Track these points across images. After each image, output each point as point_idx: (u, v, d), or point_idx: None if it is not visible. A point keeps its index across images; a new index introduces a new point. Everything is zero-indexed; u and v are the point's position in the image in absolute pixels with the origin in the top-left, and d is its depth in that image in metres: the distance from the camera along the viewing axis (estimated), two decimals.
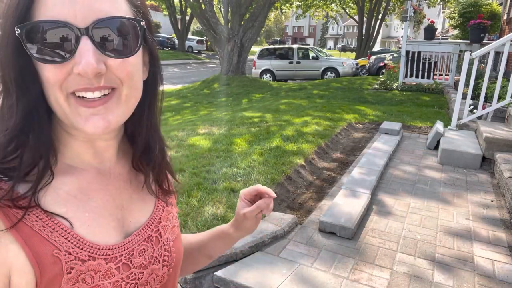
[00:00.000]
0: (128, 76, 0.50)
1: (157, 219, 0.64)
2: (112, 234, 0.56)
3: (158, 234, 0.63)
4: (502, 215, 2.85)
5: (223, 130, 5.17)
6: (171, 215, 0.67)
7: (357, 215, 2.64)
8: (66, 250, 0.50)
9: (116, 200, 0.59)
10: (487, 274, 2.13)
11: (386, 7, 23.56)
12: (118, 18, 0.48)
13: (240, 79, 12.63)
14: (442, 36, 18.75)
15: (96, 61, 0.46)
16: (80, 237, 0.51)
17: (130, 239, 0.58)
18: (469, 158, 3.87)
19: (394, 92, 8.79)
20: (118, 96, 0.51)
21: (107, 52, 0.47)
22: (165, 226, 0.64)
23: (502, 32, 10.28)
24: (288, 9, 26.33)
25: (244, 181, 3.27)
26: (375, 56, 16.14)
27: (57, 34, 0.45)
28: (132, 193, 0.62)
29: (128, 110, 0.53)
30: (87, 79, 0.46)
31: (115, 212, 0.58)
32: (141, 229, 0.60)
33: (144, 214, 0.63)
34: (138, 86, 0.54)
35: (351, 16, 30.02)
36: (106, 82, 0.48)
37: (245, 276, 2.05)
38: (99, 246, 0.53)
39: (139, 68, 0.54)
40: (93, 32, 0.46)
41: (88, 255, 0.51)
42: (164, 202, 0.67)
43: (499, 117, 5.31)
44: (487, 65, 4.71)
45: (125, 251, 0.56)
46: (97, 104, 0.48)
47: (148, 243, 0.60)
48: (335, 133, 5.07)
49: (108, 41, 0.47)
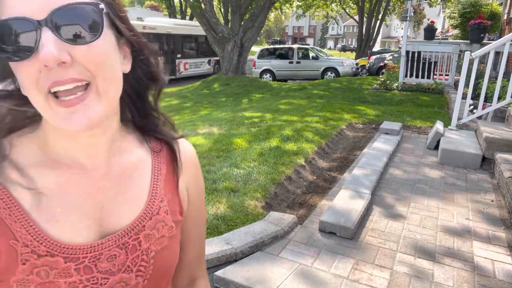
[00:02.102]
0: (97, 66, 0.49)
1: (140, 226, 0.59)
2: (82, 233, 0.54)
3: (137, 242, 0.58)
4: (502, 215, 2.85)
5: (223, 130, 5.17)
6: (160, 224, 0.62)
7: (357, 215, 2.64)
8: (23, 242, 0.50)
9: (97, 199, 0.57)
10: (487, 273, 2.13)
11: (386, 7, 23.56)
12: (74, 4, 0.47)
13: (240, 79, 12.63)
14: (442, 36, 18.76)
15: (57, 49, 0.45)
16: (42, 232, 0.51)
17: (100, 242, 0.55)
18: (469, 158, 3.87)
19: (394, 92, 8.79)
20: (95, 91, 0.49)
21: (68, 40, 0.47)
22: (148, 235, 0.60)
23: (502, 32, 10.28)
24: (288, 9, 26.38)
25: (244, 181, 3.27)
26: (375, 56, 16.14)
27: (18, 31, 0.45)
28: (117, 193, 0.59)
29: (108, 103, 0.52)
30: (55, 71, 0.46)
31: (92, 211, 0.56)
32: (117, 234, 0.57)
33: (127, 218, 0.59)
34: (114, 76, 0.53)
35: (351, 16, 30.03)
36: (76, 75, 0.47)
37: (245, 276, 2.05)
38: (60, 243, 0.52)
39: (111, 57, 0.52)
40: (52, 21, 0.46)
41: (47, 251, 0.51)
42: (162, 200, 0.64)
43: (499, 117, 5.31)
44: (487, 65, 4.71)
45: (91, 253, 0.54)
46: (75, 102, 0.48)
47: (122, 249, 0.57)
48: (335, 133, 5.07)
49: (68, 29, 0.47)
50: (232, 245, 2.25)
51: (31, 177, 0.52)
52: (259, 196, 3.02)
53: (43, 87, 0.47)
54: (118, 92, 0.54)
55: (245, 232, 2.42)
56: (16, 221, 0.50)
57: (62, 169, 0.55)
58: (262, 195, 3.05)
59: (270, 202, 3.03)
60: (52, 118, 0.49)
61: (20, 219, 0.50)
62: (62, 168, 0.55)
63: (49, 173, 0.54)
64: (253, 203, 2.90)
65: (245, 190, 3.09)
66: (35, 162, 0.54)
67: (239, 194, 3.02)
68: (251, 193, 3.03)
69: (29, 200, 0.52)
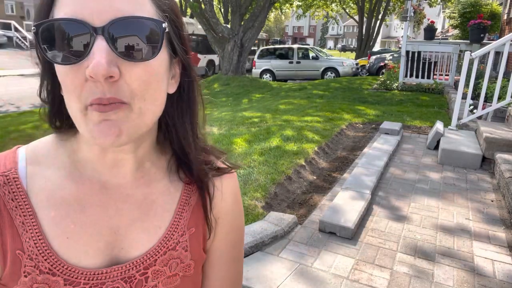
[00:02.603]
0: (141, 87, 0.46)
1: (151, 260, 0.54)
2: (90, 255, 0.51)
3: (144, 278, 0.53)
4: (502, 215, 2.85)
5: (223, 130, 5.18)
6: (174, 261, 0.56)
7: (357, 215, 2.64)
8: (29, 255, 0.48)
9: (113, 221, 0.53)
10: (487, 274, 2.13)
11: (386, 7, 23.55)
12: (137, 17, 0.44)
13: (240, 79, 12.63)
14: (442, 36, 18.77)
15: (107, 62, 0.42)
16: (49, 248, 0.49)
17: (105, 271, 0.51)
18: (469, 158, 3.87)
19: (394, 92, 8.79)
20: (130, 109, 0.46)
21: (122, 54, 0.44)
22: (157, 272, 0.54)
23: (502, 32, 10.28)
24: (288, 9, 26.35)
25: (244, 181, 3.27)
26: (375, 56, 16.13)
27: (71, 33, 0.43)
28: (136, 219, 0.54)
29: (143, 124, 0.48)
30: (101, 85, 0.43)
31: (106, 233, 0.52)
32: (124, 265, 0.52)
33: (140, 248, 0.54)
34: (155, 99, 0.48)
35: (351, 16, 30.02)
36: (118, 95, 0.44)
37: (245, 276, 2.05)
38: (64, 263, 0.49)
39: (160, 79, 0.49)
40: (109, 32, 0.43)
41: (49, 268, 0.48)
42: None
43: (499, 117, 5.31)
44: (487, 65, 4.71)
45: (93, 281, 0.50)
46: (108, 109, 0.44)
47: (127, 283, 0.52)
48: (335, 133, 5.07)
49: (125, 43, 0.44)
50: None
51: (53, 185, 0.51)
52: (259, 196, 3.02)
53: (86, 99, 0.44)
54: (157, 114, 0.50)
55: (245, 232, 2.42)
56: (28, 231, 0.48)
57: (84, 183, 0.52)
58: (262, 195, 3.05)
59: (270, 202, 3.03)
60: (84, 126, 0.46)
61: (31, 230, 0.48)
62: (84, 183, 0.52)
63: (70, 186, 0.52)
64: (253, 203, 2.90)
65: (245, 190, 3.09)
66: (61, 171, 0.52)
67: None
68: (251, 193, 3.03)
69: (46, 211, 0.50)
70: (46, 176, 0.52)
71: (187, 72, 0.55)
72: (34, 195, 0.50)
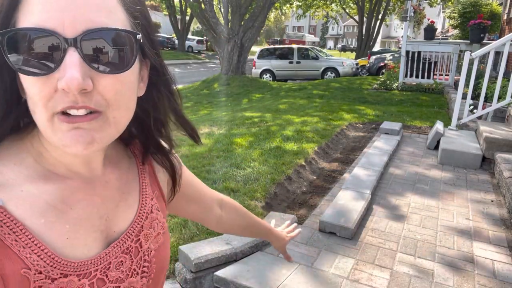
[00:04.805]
0: (115, 97, 0.45)
1: (139, 227, 0.59)
2: (92, 247, 0.52)
3: (139, 244, 0.58)
4: (502, 214, 2.85)
5: (223, 130, 5.17)
6: (155, 222, 0.62)
7: (357, 215, 2.64)
8: (36, 269, 0.45)
9: (101, 210, 0.55)
10: (487, 274, 2.13)
11: (386, 7, 23.55)
12: (112, 29, 0.43)
13: (240, 79, 12.63)
14: (442, 36, 18.77)
15: (82, 75, 0.41)
16: (54, 254, 0.47)
17: (107, 252, 0.53)
18: (469, 158, 3.87)
19: (394, 92, 8.79)
20: (105, 119, 0.46)
21: (95, 67, 0.42)
22: (147, 235, 0.60)
23: (502, 32, 10.28)
24: (288, 9, 26.35)
25: (244, 181, 3.27)
26: (375, 56, 16.12)
27: (42, 44, 0.41)
28: (119, 201, 0.58)
29: (116, 132, 0.48)
30: (72, 96, 0.42)
31: (98, 223, 0.54)
32: (120, 240, 0.56)
33: (126, 222, 0.58)
34: (129, 107, 0.49)
35: (351, 16, 30.01)
36: (92, 104, 0.43)
37: (245, 276, 2.05)
38: (73, 262, 0.49)
39: (132, 86, 0.49)
40: (82, 43, 0.41)
41: (60, 273, 0.47)
42: (155, 194, 0.64)
43: (499, 117, 5.31)
44: (487, 65, 4.71)
45: (101, 265, 0.52)
46: (81, 119, 0.43)
47: (127, 254, 0.56)
48: (335, 133, 5.07)
49: (98, 54, 0.42)
50: (232, 245, 2.25)
51: (32, 193, 0.48)
52: (259, 196, 3.02)
53: (54, 107, 0.43)
54: (130, 119, 0.51)
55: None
56: (25, 246, 0.45)
57: (64, 182, 0.51)
58: (262, 195, 3.05)
59: (270, 202, 3.03)
60: (51, 134, 0.45)
61: (29, 244, 0.45)
62: (64, 181, 0.51)
63: (50, 188, 0.49)
64: (253, 203, 2.90)
65: (245, 190, 3.09)
66: (33, 177, 0.49)
67: (239, 194, 3.02)
68: (251, 193, 3.03)
69: (35, 220, 0.47)
70: (17, 186, 0.47)
71: (159, 72, 0.55)
72: (15, 209, 0.46)
